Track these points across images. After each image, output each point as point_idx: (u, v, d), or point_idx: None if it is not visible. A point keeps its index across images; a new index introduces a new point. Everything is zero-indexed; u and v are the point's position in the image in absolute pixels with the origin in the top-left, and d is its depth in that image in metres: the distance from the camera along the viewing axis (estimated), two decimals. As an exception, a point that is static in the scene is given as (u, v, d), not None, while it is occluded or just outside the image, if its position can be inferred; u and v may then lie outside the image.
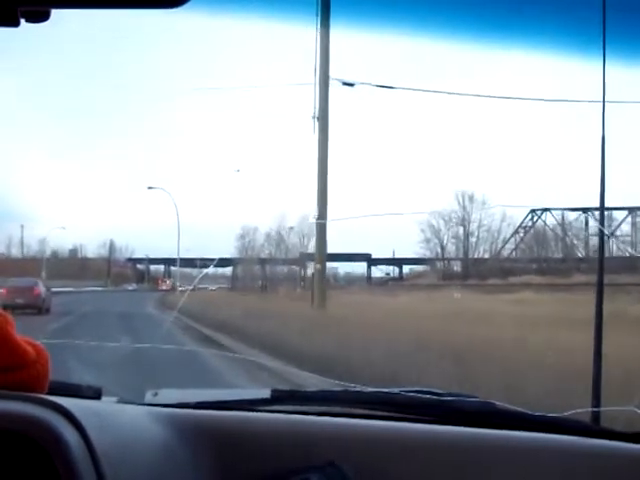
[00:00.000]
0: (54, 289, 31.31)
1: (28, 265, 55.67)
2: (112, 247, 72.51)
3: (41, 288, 25.62)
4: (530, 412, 1.43)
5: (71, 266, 65.52)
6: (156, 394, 1.51)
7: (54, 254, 71.13)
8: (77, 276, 54.36)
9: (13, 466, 1.02)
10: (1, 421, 0.99)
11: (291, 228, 53.60)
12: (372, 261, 61.13)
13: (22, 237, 61.79)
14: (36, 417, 0.99)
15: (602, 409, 1.57)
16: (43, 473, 0.99)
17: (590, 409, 1.57)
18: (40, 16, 0.89)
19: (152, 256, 66.53)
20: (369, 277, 61.57)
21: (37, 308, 23.44)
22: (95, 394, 1.43)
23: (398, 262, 62.69)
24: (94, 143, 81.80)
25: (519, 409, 1.47)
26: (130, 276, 70.95)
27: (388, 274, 63.46)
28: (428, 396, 1.44)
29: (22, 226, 60.77)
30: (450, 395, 1.47)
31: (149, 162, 78.86)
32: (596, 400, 1.66)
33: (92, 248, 75.05)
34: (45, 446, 0.97)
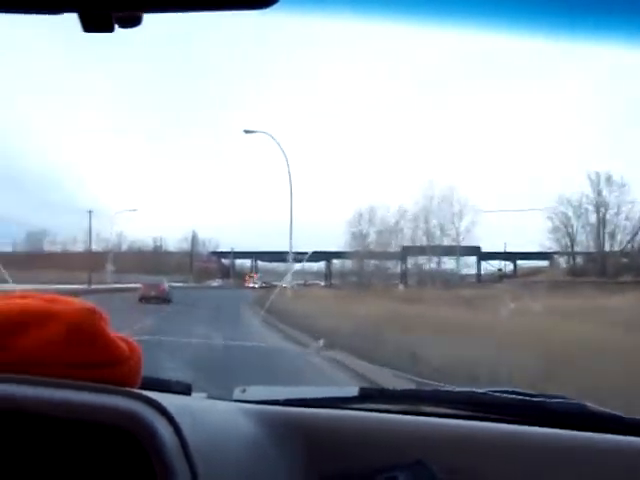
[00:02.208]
0: (128, 285, 43.91)
1: (96, 258, 58.07)
2: (195, 240, 73.96)
3: (166, 285, 39.00)
4: (624, 415, 1.49)
5: (151, 260, 67.38)
6: (244, 390, 1.64)
7: (136, 248, 73.33)
8: (157, 271, 55.88)
9: (107, 459, 1.13)
10: (99, 414, 1.08)
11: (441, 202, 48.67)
12: (483, 255, 59.01)
13: (90, 225, 62.77)
14: (132, 411, 1.07)
15: None
16: (135, 467, 1.10)
17: None
18: (133, 21, 0.98)
19: (237, 249, 67.46)
20: (479, 273, 59.62)
21: (163, 299, 35.39)
22: (185, 390, 1.57)
23: (512, 256, 60.30)
24: (179, 132, 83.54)
25: (612, 411, 1.52)
26: (214, 271, 71.67)
27: (500, 270, 61.36)
28: (518, 397, 1.52)
29: (90, 212, 61.48)
30: (539, 396, 1.55)
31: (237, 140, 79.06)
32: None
33: (173, 242, 76.93)
34: (141, 441, 1.05)
